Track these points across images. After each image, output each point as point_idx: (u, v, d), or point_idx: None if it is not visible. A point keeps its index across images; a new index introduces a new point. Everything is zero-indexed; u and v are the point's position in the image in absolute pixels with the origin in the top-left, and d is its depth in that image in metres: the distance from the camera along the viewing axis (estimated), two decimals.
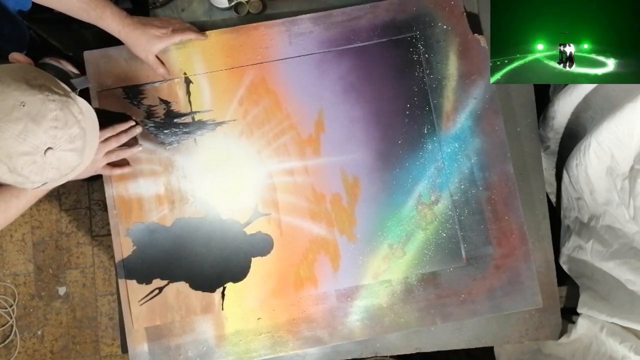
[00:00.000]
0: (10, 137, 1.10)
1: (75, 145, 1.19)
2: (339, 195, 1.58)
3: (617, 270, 1.46)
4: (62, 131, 1.15)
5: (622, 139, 1.37)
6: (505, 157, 1.58)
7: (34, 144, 1.12)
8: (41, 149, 1.13)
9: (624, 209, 1.44)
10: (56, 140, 1.15)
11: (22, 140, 1.11)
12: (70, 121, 1.17)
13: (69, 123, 1.17)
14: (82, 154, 1.23)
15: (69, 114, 1.17)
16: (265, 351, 1.55)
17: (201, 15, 1.66)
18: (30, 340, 2.71)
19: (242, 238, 1.56)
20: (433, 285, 1.56)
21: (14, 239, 2.71)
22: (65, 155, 1.18)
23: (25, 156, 1.12)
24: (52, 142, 1.14)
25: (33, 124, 1.11)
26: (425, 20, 1.61)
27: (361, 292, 1.56)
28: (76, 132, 1.19)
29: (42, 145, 1.13)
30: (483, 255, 1.57)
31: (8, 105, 1.10)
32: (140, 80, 1.59)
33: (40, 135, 1.12)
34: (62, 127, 1.15)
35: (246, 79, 1.59)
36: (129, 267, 1.55)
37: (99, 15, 1.45)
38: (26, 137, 1.11)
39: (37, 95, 1.13)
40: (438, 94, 1.59)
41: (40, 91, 1.14)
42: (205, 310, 1.55)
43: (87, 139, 1.23)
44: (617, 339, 1.42)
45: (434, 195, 1.58)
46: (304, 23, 1.60)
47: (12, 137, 1.10)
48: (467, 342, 1.64)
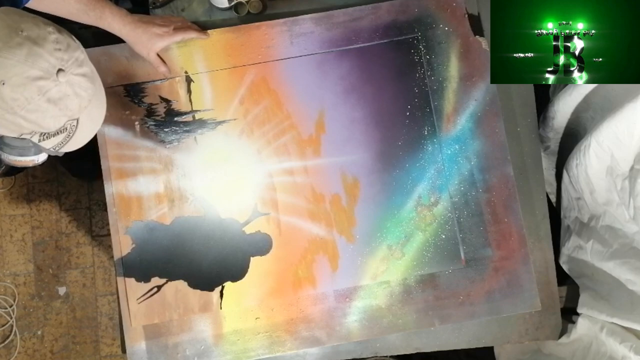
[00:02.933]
0: (19, 62, 1.07)
1: (85, 70, 1.17)
2: (338, 195, 1.58)
3: (617, 270, 1.46)
4: (67, 54, 1.13)
5: (622, 139, 1.36)
6: (505, 160, 1.58)
7: (42, 67, 1.09)
8: (52, 72, 1.10)
9: (624, 209, 1.44)
10: (64, 63, 1.12)
11: (31, 64, 1.08)
12: (72, 45, 1.15)
13: (72, 46, 1.15)
14: (94, 81, 1.20)
15: (69, 38, 1.15)
16: (263, 350, 1.55)
17: (201, 15, 1.67)
18: (30, 340, 2.71)
19: (241, 237, 1.56)
20: (431, 286, 1.56)
21: (14, 239, 2.71)
22: (78, 79, 1.15)
23: (39, 81, 1.09)
24: (60, 64, 1.11)
25: (37, 47, 1.09)
26: (427, 21, 1.61)
27: (359, 292, 1.56)
28: (82, 56, 1.17)
29: (52, 68, 1.10)
30: (482, 257, 1.56)
31: (5, 33, 1.08)
32: (141, 78, 1.59)
33: (47, 57, 1.10)
34: (65, 49, 1.13)
35: (247, 79, 1.59)
36: (128, 265, 1.55)
37: (98, 15, 1.45)
38: (34, 61, 1.08)
39: (32, 21, 1.12)
40: (439, 95, 1.59)
41: (34, 20, 1.13)
42: (203, 309, 1.55)
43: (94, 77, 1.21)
44: (617, 339, 1.41)
45: (434, 197, 1.57)
46: (306, 23, 1.61)
47: (20, 63, 1.07)
48: (467, 342, 1.63)
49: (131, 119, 1.58)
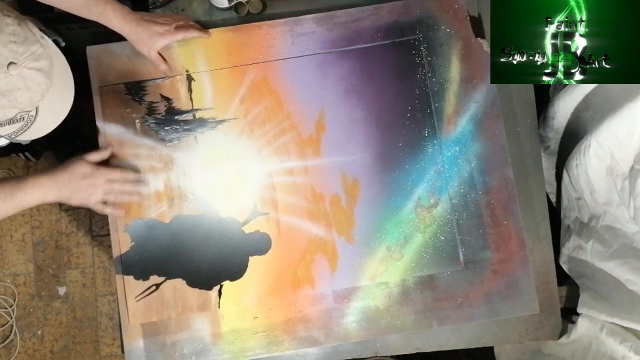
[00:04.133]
0: None
1: (41, 65, 1.15)
2: (338, 196, 1.58)
3: (617, 270, 1.45)
4: (22, 47, 1.11)
5: (622, 139, 1.36)
6: (506, 162, 1.58)
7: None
8: (2, 63, 1.08)
9: (624, 209, 1.44)
10: (18, 56, 1.10)
11: None
12: (31, 38, 1.13)
13: (29, 39, 1.13)
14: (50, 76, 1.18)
15: (28, 31, 1.13)
16: (260, 350, 1.54)
17: (201, 15, 1.67)
18: (30, 340, 2.71)
19: (240, 236, 1.56)
20: (430, 288, 1.56)
21: (14, 239, 2.71)
22: (32, 73, 1.13)
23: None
24: (13, 56, 1.09)
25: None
26: (429, 23, 1.61)
27: (358, 293, 1.56)
28: (39, 50, 1.15)
29: (3, 60, 1.08)
30: (481, 259, 1.56)
31: None
32: (142, 76, 1.59)
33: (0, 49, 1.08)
34: (21, 42, 1.11)
35: (248, 78, 1.59)
36: (127, 262, 1.55)
37: (100, 11, 1.45)
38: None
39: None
40: (439, 97, 1.59)
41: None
42: (201, 307, 1.54)
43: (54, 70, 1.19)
44: (617, 339, 1.41)
45: (433, 199, 1.57)
46: (307, 23, 1.61)
47: None
48: (467, 342, 1.63)
49: (132, 117, 1.58)
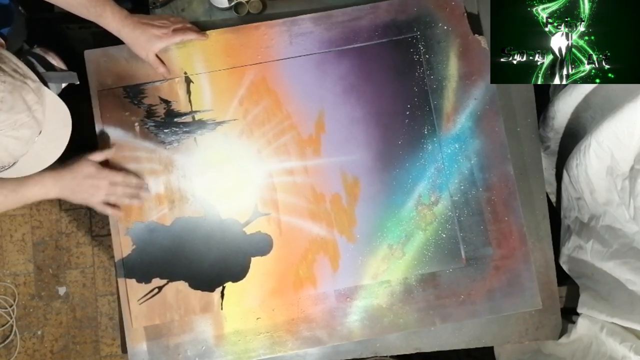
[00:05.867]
0: None
1: (21, 134, 1.16)
2: (338, 195, 1.58)
3: (617, 270, 1.46)
4: (6, 114, 1.12)
5: (622, 139, 1.37)
6: (505, 158, 1.58)
7: None
8: None
9: (624, 209, 1.44)
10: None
11: None
12: (19, 107, 1.14)
13: (16, 108, 1.14)
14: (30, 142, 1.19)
15: (19, 99, 1.14)
16: (264, 351, 1.55)
17: (201, 15, 1.67)
18: (30, 340, 2.71)
19: (242, 237, 1.56)
20: (432, 286, 1.56)
21: (14, 239, 2.71)
22: (8, 141, 1.14)
23: None
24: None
25: None
26: (426, 20, 1.61)
27: (360, 292, 1.56)
28: (24, 119, 1.15)
29: None
30: (482, 256, 1.57)
31: None
32: (140, 79, 1.59)
33: None
34: (7, 110, 1.12)
35: (247, 79, 1.59)
36: (129, 266, 1.55)
37: (98, 12, 1.45)
38: None
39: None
40: (438, 94, 1.59)
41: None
42: (204, 309, 1.55)
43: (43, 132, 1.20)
44: (617, 339, 1.42)
45: (434, 196, 1.57)
46: (305, 23, 1.60)
47: None
48: (467, 342, 1.64)
49: (131, 120, 1.57)
